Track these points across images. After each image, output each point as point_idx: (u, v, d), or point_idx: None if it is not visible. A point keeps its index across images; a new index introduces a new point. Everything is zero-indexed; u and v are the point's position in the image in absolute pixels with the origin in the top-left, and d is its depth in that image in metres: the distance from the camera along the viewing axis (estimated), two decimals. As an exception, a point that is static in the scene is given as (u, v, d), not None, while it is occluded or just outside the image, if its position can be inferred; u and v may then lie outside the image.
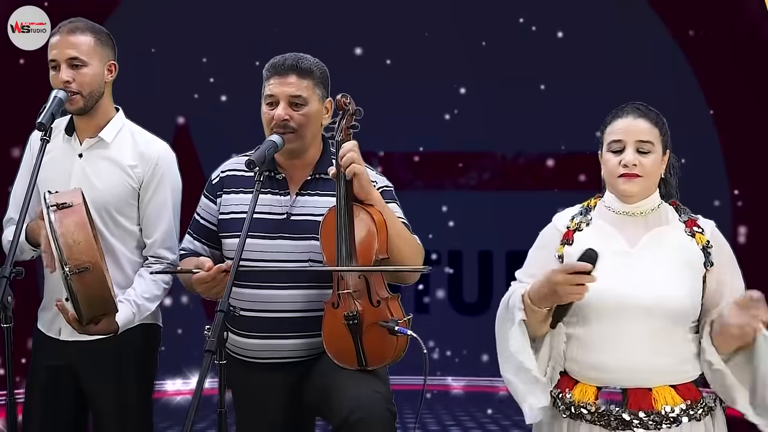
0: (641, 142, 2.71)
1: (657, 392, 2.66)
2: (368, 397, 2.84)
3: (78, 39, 3.16)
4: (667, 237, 2.74)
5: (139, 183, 3.22)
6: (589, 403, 2.68)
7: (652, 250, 2.71)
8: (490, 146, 8.04)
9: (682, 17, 7.31)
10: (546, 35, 7.55)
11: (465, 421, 7.02)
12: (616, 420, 2.66)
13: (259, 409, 3.12)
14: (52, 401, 3.22)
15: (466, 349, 8.01)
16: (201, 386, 2.52)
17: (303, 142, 3.06)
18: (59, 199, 2.90)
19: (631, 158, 2.69)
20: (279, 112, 3.01)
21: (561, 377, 2.76)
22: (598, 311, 2.66)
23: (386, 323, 2.87)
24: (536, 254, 2.83)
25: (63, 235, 2.84)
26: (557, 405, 2.74)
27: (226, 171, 3.17)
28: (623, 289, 2.66)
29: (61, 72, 3.13)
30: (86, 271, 2.84)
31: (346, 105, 2.99)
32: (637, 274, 2.67)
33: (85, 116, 3.21)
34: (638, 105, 2.78)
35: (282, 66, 3.04)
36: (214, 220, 3.15)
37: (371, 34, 7.56)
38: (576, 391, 2.71)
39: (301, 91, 3.03)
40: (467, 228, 7.91)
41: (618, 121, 2.75)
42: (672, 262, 2.69)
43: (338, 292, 2.93)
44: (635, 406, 2.65)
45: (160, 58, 7.36)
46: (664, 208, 2.79)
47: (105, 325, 3.00)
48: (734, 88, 7.07)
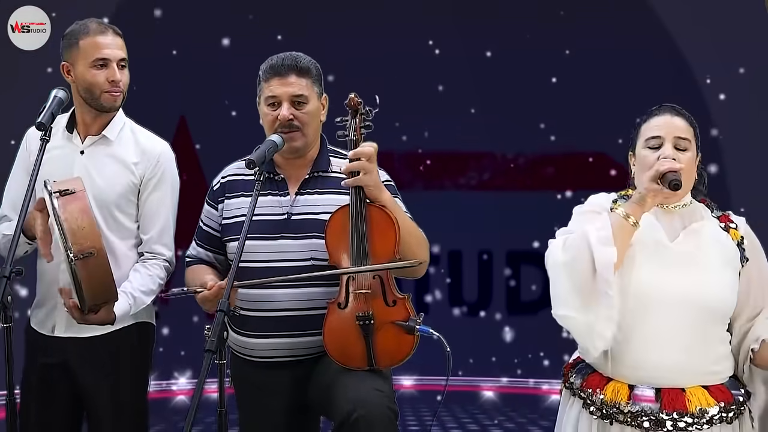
0: (679, 138, 2.72)
1: (690, 393, 2.65)
2: (370, 396, 2.85)
3: (121, 41, 3.26)
4: (705, 232, 2.74)
5: (140, 179, 3.25)
6: (621, 403, 2.67)
7: (690, 245, 2.71)
8: (490, 146, 8.05)
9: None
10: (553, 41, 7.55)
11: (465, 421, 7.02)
12: (650, 420, 2.64)
13: (262, 408, 3.13)
14: (47, 400, 3.22)
15: (466, 349, 8.01)
16: (201, 386, 2.52)
17: (307, 140, 3.08)
18: (61, 186, 2.92)
19: (671, 152, 2.69)
20: (284, 113, 3.03)
21: (590, 375, 2.75)
22: (635, 305, 2.64)
23: (405, 323, 2.87)
24: (587, 217, 2.76)
25: (67, 221, 2.85)
26: (587, 405, 2.72)
27: (227, 176, 3.19)
28: (662, 282, 2.65)
29: (114, 72, 3.21)
30: (90, 256, 2.86)
31: (358, 104, 3.00)
32: (676, 268, 2.67)
33: (94, 114, 3.25)
34: (672, 105, 2.79)
35: (281, 66, 3.06)
36: (216, 226, 3.16)
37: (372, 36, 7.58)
38: (608, 390, 2.69)
39: (302, 90, 3.05)
40: (467, 228, 7.91)
41: (655, 119, 2.76)
42: (711, 258, 2.70)
43: (353, 292, 2.92)
44: (670, 406, 2.64)
45: (160, 57, 7.37)
46: (696, 205, 2.80)
47: (103, 314, 3.01)
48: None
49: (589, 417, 2.72)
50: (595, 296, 2.59)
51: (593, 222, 2.67)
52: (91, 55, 3.20)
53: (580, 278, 2.60)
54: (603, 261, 2.57)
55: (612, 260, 2.57)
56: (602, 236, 2.60)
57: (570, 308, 2.63)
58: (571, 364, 2.84)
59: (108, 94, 3.21)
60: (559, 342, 4.33)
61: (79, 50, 3.20)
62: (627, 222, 2.63)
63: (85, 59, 3.20)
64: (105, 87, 3.20)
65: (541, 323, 8.01)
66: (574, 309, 2.62)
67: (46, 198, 2.91)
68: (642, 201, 2.65)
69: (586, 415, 2.73)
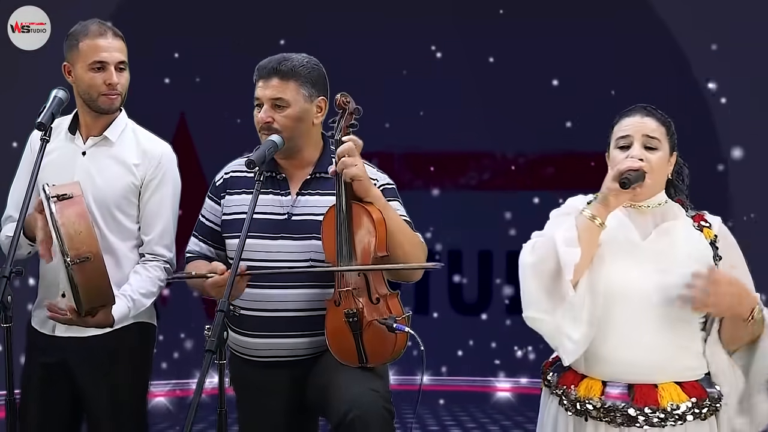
0: (648, 137, 2.73)
1: (663, 388, 2.66)
2: (366, 396, 2.85)
3: (121, 43, 3.25)
4: (676, 231, 2.75)
5: (141, 181, 3.25)
6: (594, 399, 2.68)
7: (661, 243, 2.72)
8: (490, 146, 8.05)
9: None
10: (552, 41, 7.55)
11: (465, 421, 7.03)
12: (622, 416, 2.65)
13: (261, 408, 3.13)
14: (46, 400, 3.22)
15: (466, 349, 8.01)
16: (201, 386, 2.52)
17: (291, 143, 3.06)
18: (59, 191, 2.92)
19: (638, 152, 2.71)
20: (260, 115, 3.05)
21: (566, 372, 2.76)
22: (608, 302, 2.65)
23: (384, 320, 2.88)
24: (562, 219, 2.78)
25: (64, 225, 2.86)
26: (562, 402, 2.74)
27: (230, 172, 3.19)
28: (633, 280, 2.66)
29: (111, 75, 3.20)
30: (87, 261, 2.86)
31: (345, 104, 2.99)
32: (647, 266, 2.68)
33: (95, 115, 3.25)
34: (645, 105, 2.81)
35: (265, 69, 3.07)
36: (218, 222, 3.16)
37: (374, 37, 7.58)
38: (582, 386, 2.71)
39: (282, 94, 3.04)
40: (467, 228, 7.92)
41: (626, 119, 2.77)
42: (681, 256, 2.70)
43: (339, 290, 2.94)
44: (641, 402, 2.65)
45: (160, 57, 7.37)
46: (670, 205, 2.81)
47: (101, 317, 3.01)
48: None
49: (566, 414, 2.73)
50: (561, 297, 2.61)
51: (563, 224, 2.70)
52: (89, 58, 3.20)
53: (546, 279, 2.63)
54: (566, 262, 2.60)
55: (573, 261, 2.59)
56: (568, 237, 2.62)
57: (538, 310, 2.65)
58: (550, 363, 2.86)
59: (105, 97, 3.21)
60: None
61: (79, 52, 3.21)
62: (593, 223, 2.65)
63: (84, 61, 3.20)
64: (102, 90, 3.20)
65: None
66: (543, 311, 2.65)
67: (43, 202, 2.92)
68: (605, 201, 2.66)
69: (563, 412, 2.74)
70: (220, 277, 2.91)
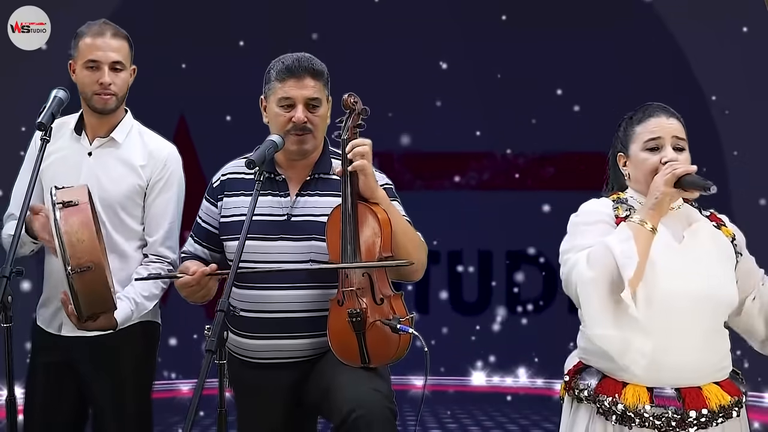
0: (677, 138, 2.72)
1: (707, 390, 2.65)
2: (368, 396, 2.85)
3: (119, 43, 3.25)
4: (703, 231, 2.75)
5: (147, 182, 3.26)
6: (645, 407, 2.62)
7: (695, 245, 2.71)
8: (490, 146, 8.05)
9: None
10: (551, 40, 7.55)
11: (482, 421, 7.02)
12: (676, 421, 2.61)
13: (260, 409, 3.13)
14: (51, 398, 3.23)
15: (466, 348, 8.02)
16: (201, 386, 2.51)
17: (316, 142, 3.08)
18: (65, 197, 2.92)
19: (674, 155, 2.69)
20: (299, 115, 3.02)
21: (603, 380, 2.70)
22: (652, 307, 2.60)
23: (388, 321, 2.87)
24: (594, 228, 2.71)
25: (67, 234, 2.86)
26: (603, 411, 2.67)
27: (227, 174, 3.18)
28: (679, 285, 2.63)
29: (103, 74, 3.20)
30: (88, 271, 2.86)
31: (353, 104, 2.99)
32: (687, 269, 2.66)
33: (98, 115, 3.25)
34: (663, 105, 2.79)
35: (298, 68, 3.04)
36: (215, 223, 3.16)
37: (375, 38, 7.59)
38: (628, 394, 2.65)
39: (318, 94, 3.04)
40: (467, 228, 7.92)
41: (651, 120, 2.74)
42: (714, 256, 2.71)
43: (343, 290, 2.93)
44: (692, 405, 2.62)
45: (160, 57, 7.37)
46: (686, 206, 2.79)
47: (103, 321, 3.02)
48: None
49: (604, 422, 2.67)
50: (624, 311, 2.55)
51: (611, 233, 2.63)
52: (85, 56, 3.22)
53: (607, 293, 2.56)
54: (627, 273, 2.53)
55: (633, 271, 2.53)
56: (625, 248, 2.56)
57: (605, 327, 2.58)
58: (574, 370, 2.78)
59: (98, 97, 3.22)
60: (558, 343, 4.32)
61: (78, 50, 3.23)
62: (645, 228, 2.60)
63: (81, 60, 3.23)
64: (95, 89, 3.21)
65: (541, 324, 8.05)
66: (608, 326, 2.58)
67: (48, 207, 2.93)
68: (659, 206, 2.63)
69: (600, 420, 2.68)
70: (190, 277, 2.93)
